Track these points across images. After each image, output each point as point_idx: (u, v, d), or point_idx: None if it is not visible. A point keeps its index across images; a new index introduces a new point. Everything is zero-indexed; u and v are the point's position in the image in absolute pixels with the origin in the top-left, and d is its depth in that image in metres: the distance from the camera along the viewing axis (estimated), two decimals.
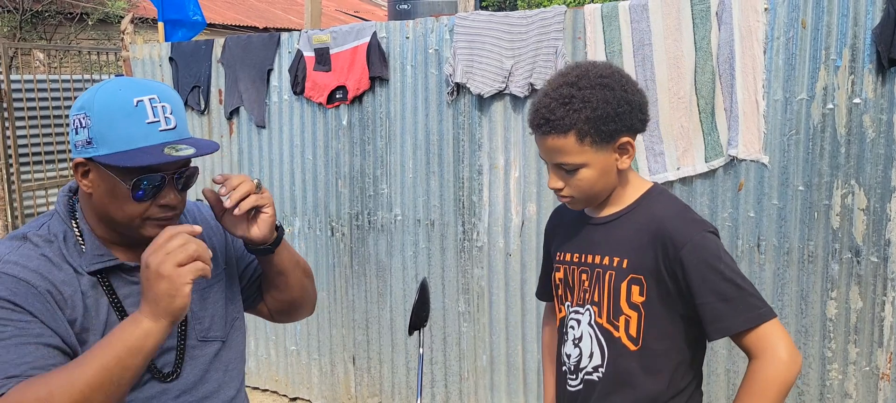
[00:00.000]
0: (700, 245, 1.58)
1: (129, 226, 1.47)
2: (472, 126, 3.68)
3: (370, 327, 4.17)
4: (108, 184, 1.43)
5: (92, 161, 1.42)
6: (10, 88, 5.95)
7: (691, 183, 3.18)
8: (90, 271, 1.45)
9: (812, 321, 3.01)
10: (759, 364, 1.55)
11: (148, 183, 1.43)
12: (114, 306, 1.47)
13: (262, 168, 4.41)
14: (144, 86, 1.44)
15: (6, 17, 11.38)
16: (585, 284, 1.71)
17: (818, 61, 2.89)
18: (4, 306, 1.35)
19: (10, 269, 1.38)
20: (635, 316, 1.64)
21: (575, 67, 1.66)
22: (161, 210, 1.47)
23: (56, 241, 1.45)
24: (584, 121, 1.58)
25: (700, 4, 3.08)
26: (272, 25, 15.63)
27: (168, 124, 1.43)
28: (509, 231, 3.65)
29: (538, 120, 1.62)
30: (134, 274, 1.50)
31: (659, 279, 1.62)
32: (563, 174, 1.64)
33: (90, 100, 1.42)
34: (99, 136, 1.40)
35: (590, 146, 1.60)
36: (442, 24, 3.70)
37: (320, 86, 4.06)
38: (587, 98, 1.58)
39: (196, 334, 1.58)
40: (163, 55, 4.61)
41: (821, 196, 2.93)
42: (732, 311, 1.56)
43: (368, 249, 4.09)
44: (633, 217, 1.68)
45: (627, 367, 1.65)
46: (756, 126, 3.01)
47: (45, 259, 1.42)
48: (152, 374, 1.50)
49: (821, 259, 2.97)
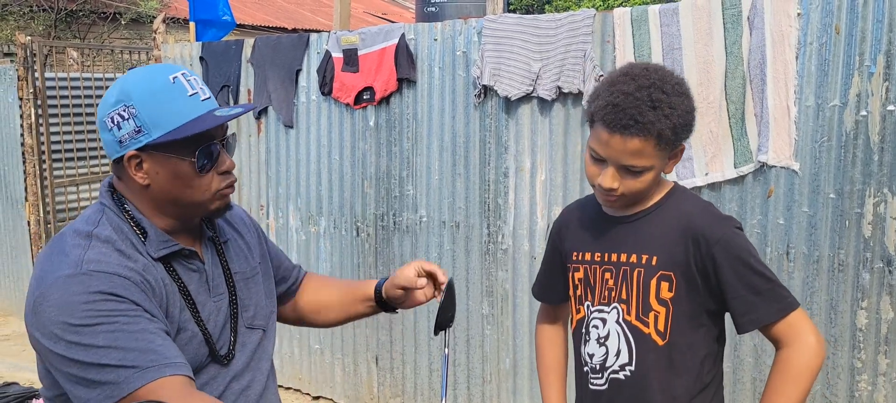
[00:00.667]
0: (731, 240, 1.61)
1: (199, 204, 1.49)
2: (499, 128, 3.67)
3: (393, 328, 4.17)
4: (168, 167, 1.44)
5: (145, 150, 1.42)
6: (45, 86, 6.05)
7: (720, 189, 3.15)
8: (156, 258, 1.45)
9: (841, 330, 2.97)
10: (791, 352, 1.60)
11: (210, 151, 1.45)
12: (182, 291, 1.48)
13: (289, 168, 4.44)
14: (170, 66, 1.47)
15: (41, 17, 11.58)
16: (610, 283, 1.71)
17: (852, 67, 2.85)
18: (110, 299, 1.32)
19: (97, 266, 1.36)
20: (664, 311, 1.65)
21: (648, 70, 1.63)
22: (223, 178, 1.50)
23: (123, 233, 1.44)
24: (670, 128, 1.57)
25: (731, 9, 3.05)
26: (300, 26, 15.75)
27: (205, 94, 1.46)
28: (534, 234, 3.64)
29: (625, 119, 1.56)
30: (192, 260, 1.52)
31: (688, 275, 1.63)
32: (626, 175, 1.62)
33: (126, 91, 1.42)
34: (150, 121, 1.40)
35: (662, 150, 1.60)
36: (470, 27, 3.70)
37: (348, 86, 4.08)
38: (674, 104, 1.57)
39: (243, 321, 1.61)
40: (194, 55, 4.67)
41: (852, 204, 2.89)
42: (764, 303, 1.60)
43: (393, 250, 4.10)
44: (661, 214, 1.69)
45: (656, 363, 1.66)
46: (787, 132, 2.98)
47: (119, 253, 1.41)
48: (214, 358, 1.52)
49: (851, 268, 2.92)
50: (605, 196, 1.68)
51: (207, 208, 1.51)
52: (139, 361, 1.28)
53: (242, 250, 1.67)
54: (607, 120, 1.59)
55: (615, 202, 1.69)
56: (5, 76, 6.24)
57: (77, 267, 1.35)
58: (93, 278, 1.33)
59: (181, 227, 1.53)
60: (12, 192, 6.35)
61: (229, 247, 1.64)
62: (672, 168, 1.69)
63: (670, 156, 1.65)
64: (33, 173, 6.00)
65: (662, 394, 1.66)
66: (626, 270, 1.69)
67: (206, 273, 1.54)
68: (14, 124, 6.16)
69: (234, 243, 1.66)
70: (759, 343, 3.10)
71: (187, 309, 1.47)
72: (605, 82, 1.66)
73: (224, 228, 1.66)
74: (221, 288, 1.57)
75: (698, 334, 1.67)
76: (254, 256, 1.70)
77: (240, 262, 1.64)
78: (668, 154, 1.64)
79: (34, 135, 5.98)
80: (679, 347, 1.65)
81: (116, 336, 1.29)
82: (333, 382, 4.46)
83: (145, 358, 1.29)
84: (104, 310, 1.31)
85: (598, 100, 1.64)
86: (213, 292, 1.54)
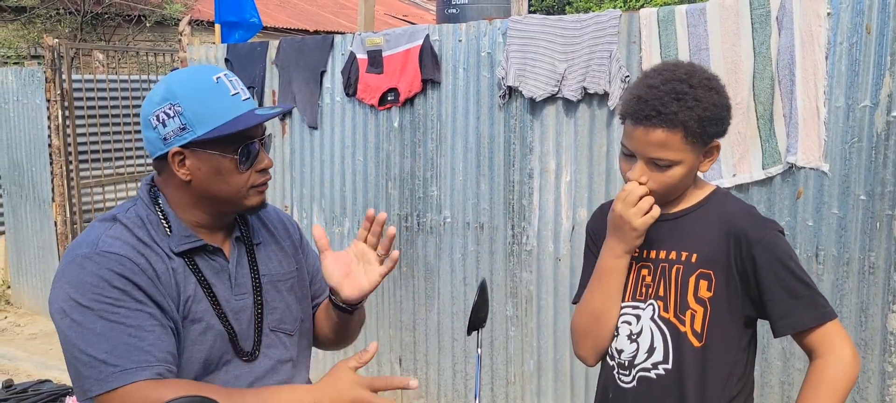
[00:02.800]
0: (773, 243, 1.60)
1: (236, 199, 1.54)
2: (524, 129, 3.66)
3: (417, 329, 4.18)
4: (211, 163, 1.50)
5: (189, 146, 1.48)
6: (72, 87, 6.12)
7: (748, 190, 3.12)
8: (177, 252, 1.51)
9: (872, 334, 2.93)
10: (826, 363, 1.57)
11: (249, 149, 1.51)
12: (201, 284, 1.52)
13: (313, 168, 4.46)
14: (212, 67, 1.54)
15: (68, 19, 11.72)
16: (647, 279, 1.70)
17: (883, 67, 2.81)
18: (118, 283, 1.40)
19: (111, 247, 1.44)
20: (701, 310, 1.63)
21: (678, 65, 1.63)
22: (260, 175, 1.56)
23: (146, 223, 1.51)
24: (695, 120, 1.56)
25: (759, 9, 3.02)
26: (323, 28, 15.82)
27: (245, 94, 1.53)
28: (559, 235, 3.63)
29: (648, 111, 1.57)
30: (216, 256, 1.56)
31: (729, 274, 1.62)
32: (654, 169, 1.61)
33: (171, 91, 1.48)
34: (195, 118, 1.46)
35: (690, 145, 1.59)
36: (495, 28, 3.70)
37: (372, 87, 4.09)
38: (699, 97, 1.57)
39: (268, 323, 1.62)
40: (219, 56, 4.70)
41: (884, 206, 2.85)
42: (802, 308, 1.59)
43: (417, 251, 4.10)
44: (703, 214, 1.68)
45: (692, 363, 1.64)
46: (816, 133, 2.94)
47: (137, 239, 1.48)
48: (236, 352, 1.55)
49: (882, 270, 2.88)
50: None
51: (244, 204, 1.56)
52: (122, 360, 1.37)
53: (276, 254, 1.69)
54: (631, 112, 1.61)
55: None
56: (33, 78, 6.32)
57: (94, 246, 1.44)
58: (105, 259, 1.42)
59: (215, 223, 1.57)
60: (39, 193, 6.43)
61: (261, 250, 1.66)
62: (708, 167, 1.67)
63: (704, 153, 1.63)
64: (60, 174, 6.07)
65: (695, 396, 1.64)
66: (665, 267, 1.67)
67: (230, 271, 1.57)
68: (42, 125, 6.24)
69: (267, 247, 1.69)
70: (787, 347, 3.06)
71: (206, 300, 1.52)
72: (638, 79, 1.67)
73: (259, 231, 1.69)
74: (246, 287, 1.59)
75: (733, 338, 1.65)
76: (290, 262, 1.72)
77: (271, 265, 1.66)
78: (700, 150, 1.62)
79: (61, 136, 6.05)
80: (714, 350, 1.64)
81: (113, 326, 1.38)
82: None
83: (130, 359, 1.37)
84: (110, 298, 1.40)
85: (627, 94, 1.66)
86: (236, 290, 1.57)
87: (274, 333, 1.63)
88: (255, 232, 1.67)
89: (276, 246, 1.71)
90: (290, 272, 1.71)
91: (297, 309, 1.70)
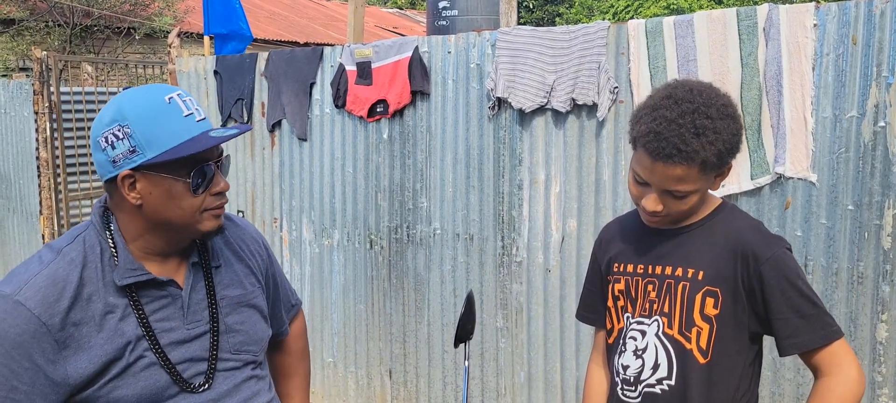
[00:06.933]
0: (781, 260, 1.59)
1: (189, 224, 1.48)
2: (513, 140, 3.67)
3: (407, 340, 4.16)
4: (162, 186, 1.44)
5: (139, 170, 1.42)
6: (60, 100, 6.10)
7: (736, 200, 3.13)
8: (121, 286, 1.45)
9: (861, 344, 2.93)
10: (833, 382, 1.57)
11: (204, 172, 1.45)
12: (140, 322, 1.47)
13: (302, 180, 4.45)
14: (165, 87, 1.47)
15: (57, 32, 11.69)
16: (652, 294, 1.69)
17: (869, 78, 2.83)
18: (14, 352, 1.36)
19: (32, 298, 1.38)
20: (707, 328, 1.62)
21: (692, 91, 1.57)
22: (216, 198, 1.50)
23: (89, 256, 1.45)
24: (715, 155, 1.54)
25: (747, 21, 3.04)
26: (313, 40, 15.83)
27: (200, 114, 1.47)
28: (549, 247, 3.62)
29: (669, 149, 1.52)
30: (165, 288, 1.50)
31: (735, 292, 1.61)
32: (670, 199, 1.59)
33: (121, 112, 1.42)
34: (144, 141, 1.40)
35: (706, 175, 1.57)
36: (484, 39, 3.71)
37: (361, 99, 4.09)
38: (719, 129, 1.53)
39: (229, 347, 1.58)
40: (208, 68, 4.69)
41: (871, 216, 2.86)
42: (809, 327, 1.58)
43: (407, 263, 4.09)
44: (709, 230, 1.67)
45: (696, 380, 1.63)
46: (804, 143, 2.96)
47: (72, 282, 1.42)
48: (181, 387, 1.50)
49: (870, 280, 2.89)
50: (649, 217, 1.65)
51: (198, 229, 1.50)
52: None
53: (238, 275, 1.64)
54: (650, 148, 1.55)
55: (659, 223, 1.67)
56: (21, 90, 6.29)
57: (18, 287, 1.39)
58: (14, 313, 1.36)
59: (169, 249, 1.52)
60: (27, 205, 6.39)
61: (221, 272, 1.61)
62: (719, 185, 1.65)
63: (716, 175, 1.62)
64: (48, 186, 6.04)
65: None
66: (671, 283, 1.66)
67: (183, 299, 1.52)
68: (29, 138, 6.21)
69: (229, 267, 1.63)
70: (799, 359, 3.06)
71: (146, 340, 1.46)
72: (648, 106, 1.60)
73: (221, 251, 1.63)
74: (200, 314, 1.54)
75: (739, 355, 1.64)
76: (257, 280, 1.68)
77: (233, 288, 1.61)
78: (712, 176, 1.61)
79: (49, 148, 6.02)
80: (720, 366, 1.62)
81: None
82: (347, 395, 4.44)
83: None
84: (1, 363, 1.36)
85: (639, 124, 1.59)
86: (188, 319, 1.52)
87: (236, 356, 1.59)
88: (216, 253, 1.61)
89: (240, 265, 1.65)
90: (253, 292, 1.66)
91: (263, 327, 1.66)
